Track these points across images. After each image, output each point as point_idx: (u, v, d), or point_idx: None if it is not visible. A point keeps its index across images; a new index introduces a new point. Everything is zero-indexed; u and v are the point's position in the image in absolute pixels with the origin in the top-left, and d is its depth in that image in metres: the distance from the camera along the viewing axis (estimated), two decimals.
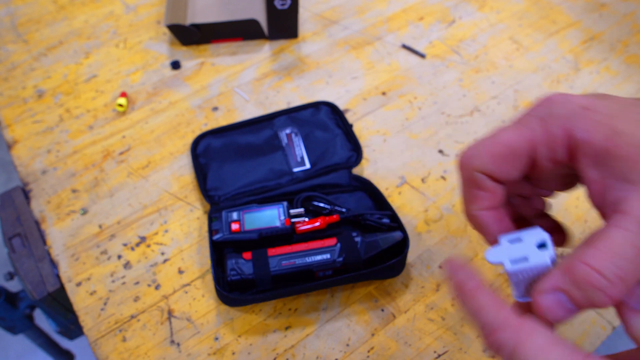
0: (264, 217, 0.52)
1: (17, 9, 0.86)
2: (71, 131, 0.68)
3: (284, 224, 0.45)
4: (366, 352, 0.50)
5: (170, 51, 0.79)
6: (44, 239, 0.58)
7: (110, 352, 0.50)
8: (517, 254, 0.27)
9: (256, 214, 0.52)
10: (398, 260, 0.51)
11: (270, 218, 0.51)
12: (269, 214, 0.53)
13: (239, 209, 0.53)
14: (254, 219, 0.51)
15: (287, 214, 0.50)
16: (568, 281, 0.23)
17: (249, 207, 0.53)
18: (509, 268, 0.27)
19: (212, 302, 0.53)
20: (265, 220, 0.52)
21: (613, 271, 0.22)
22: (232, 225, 0.52)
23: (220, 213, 0.55)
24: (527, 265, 0.27)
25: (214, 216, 0.56)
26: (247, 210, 0.51)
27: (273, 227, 0.48)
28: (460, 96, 0.74)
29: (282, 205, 0.51)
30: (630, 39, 0.83)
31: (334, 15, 0.86)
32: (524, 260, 0.27)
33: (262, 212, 0.52)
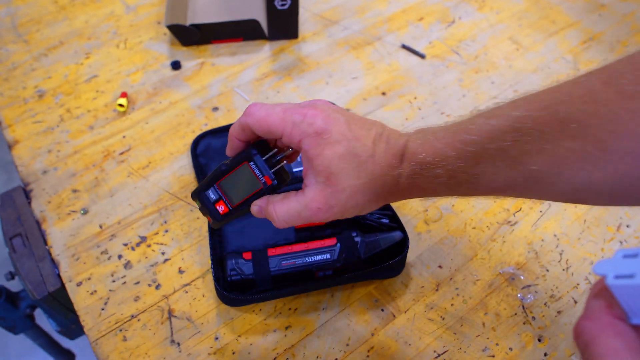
0: (241, 181, 0.42)
1: (17, 9, 0.86)
2: (72, 131, 0.68)
3: (266, 183, 0.39)
4: (366, 352, 0.50)
5: (171, 51, 0.79)
6: (45, 239, 0.58)
7: (110, 352, 0.50)
8: (626, 270, 0.26)
9: (231, 178, 0.42)
10: (398, 260, 0.51)
11: (249, 182, 0.42)
12: (246, 176, 0.42)
13: (211, 183, 0.43)
14: (232, 186, 0.42)
15: (264, 171, 0.40)
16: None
17: (217, 173, 0.43)
18: (610, 282, 0.26)
19: (212, 302, 0.53)
20: (246, 185, 0.42)
21: (282, 217, 0.39)
22: (218, 207, 0.45)
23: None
24: (631, 282, 0.26)
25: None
26: (220, 180, 0.42)
27: (259, 191, 0.40)
28: (460, 96, 0.74)
29: (252, 161, 0.40)
30: (630, 39, 0.83)
31: (334, 15, 0.86)
32: (630, 277, 0.26)
33: (236, 175, 0.42)
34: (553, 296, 0.54)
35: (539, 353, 0.50)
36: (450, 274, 0.56)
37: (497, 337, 0.51)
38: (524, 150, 0.32)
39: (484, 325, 0.52)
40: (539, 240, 0.59)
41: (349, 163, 0.36)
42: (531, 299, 0.54)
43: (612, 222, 0.60)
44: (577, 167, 0.30)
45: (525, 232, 0.59)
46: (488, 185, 0.35)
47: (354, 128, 0.37)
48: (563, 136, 0.30)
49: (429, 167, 0.36)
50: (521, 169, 0.33)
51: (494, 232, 0.59)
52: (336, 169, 0.36)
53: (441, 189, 0.37)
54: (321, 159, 0.36)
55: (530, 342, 0.51)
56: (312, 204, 0.37)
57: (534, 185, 0.33)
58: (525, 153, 0.32)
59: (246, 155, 0.40)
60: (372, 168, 0.37)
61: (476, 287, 0.55)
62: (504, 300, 0.54)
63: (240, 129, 0.40)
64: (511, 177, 0.33)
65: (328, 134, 0.36)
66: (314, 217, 0.38)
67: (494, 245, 0.58)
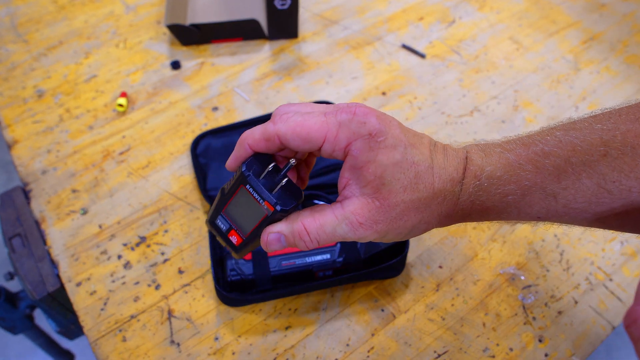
0: (245, 207, 0.36)
1: (17, 9, 0.86)
2: (71, 131, 0.68)
3: (268, 210, 0.33)
4: (366, 352, 0.50)
5: (170, 51, 0.79)
6: (44, 239, 0.58)
7: (110, 352, 0.50)
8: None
9: (235, 204, 0.37)
10: (398, 260, 0.51)
11: (252, 208, 0.36)
12: (247, 202, 0.36)
13: (218, 211, 0.38)
14: (239, 214, 0.37)
15: (262, 194, 0.34)
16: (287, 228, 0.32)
17: (221, 199, 0.38)
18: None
19: (212, 302, 0.53)
20: (251, 211, 0.36)
21: (314, 235, 0.32)
22: (231, 237, 0.44)
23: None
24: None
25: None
26: (225, 206, 0.38)
27: (265, 218, 0.35)
28: (460, 96, 0.74)
29: (247, 184, 0.34)
30: (630, 39, 0.83)
31: (334, 15, 0.86)
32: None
33: (238, 200, 0.36)
34: (554, 296, 0.54)
35: (540, 353, 0.50)
36: (451, 274, 0.56)
37: (497, 338, 0.51)
38: (616, 166, 0.28)
39: (485, 325, 0.52)
40: (540, 241, 0.58)
41: (406, 173, 0.30)
42: (532, 299, 0.54)
43: None
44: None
45: (525, 232, 0.59)
46: (567, 205, 0.30)
47: (407, 133, 0.32)
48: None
49: (499, 183, 0.31)
50: (612, 189, 0.28)
51: (494, 232, 0.59)
52: (390, 179, 0.30)
53: (509, 210, 0.32)
54: (373, 167, 0.30)
55: (531, 343, 0.51)
56: (354, 217, 0.31)
57: (633, 211, 0.29)
58: (618, 170, 0.28)
59: (241, 177, 0.33)
60: (431, 181, 0.31)
61: (476, 287, 0.55)
62: (505, 300, 0.54)
63: (264, 139, 0.32)
64: (600, 198, 0.29)
65: (383, 136, 0.30)
66: (352, 234, 0.31)
67: (494, 246, 0.58)
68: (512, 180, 0.30)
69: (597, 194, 0.29)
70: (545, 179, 0.30)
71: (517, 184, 0.30)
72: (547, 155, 0.30)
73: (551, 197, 0.30)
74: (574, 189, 0.29)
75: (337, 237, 0.32)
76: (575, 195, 0.29)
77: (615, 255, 0.58)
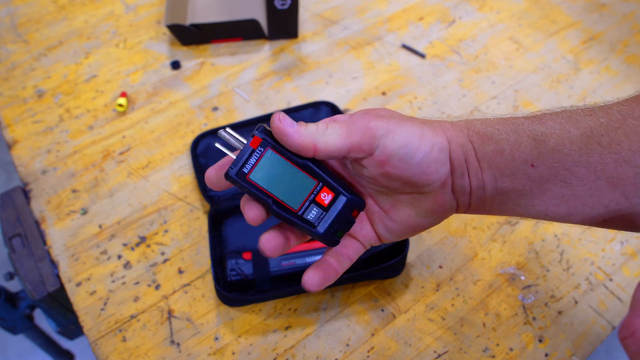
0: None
1: (17, 9, 0.86)
2: (71, 131, 0.68)
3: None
4: (366, 352, 0.50)
5: (170, 51, 0.79)
6: (44, 239, 0.58)
7: (110, 352, 0.50)
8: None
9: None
10: (398, 260, 0.51)
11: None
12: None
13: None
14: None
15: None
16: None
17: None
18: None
19: (212, 302, 0.53)
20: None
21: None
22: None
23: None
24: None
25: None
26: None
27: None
28: (460, 96, 0.74)
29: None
30: (630, 39, 0.83)
31: (334, 15, 0.86)
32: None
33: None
34: (554, 296, 0.54)
35: (540, 353, 0.50)
36: (451, 274, 0.56)
37: (497, 338, 0.51)
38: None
39: (485, 325, 0.52)
40: (540, 241, 0.58)
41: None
42: (532, 299, 0.54)
43: None
44: None
45: (525, 232, 0.59)
46: (590, 187, 0.28)
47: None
48: None
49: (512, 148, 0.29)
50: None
51: (494, 232, 0.59)
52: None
53: (529, 188, 0.30)
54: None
55: (531, 343, 0.51)
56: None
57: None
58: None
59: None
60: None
61: (476, 287, 0.55)
62: (505, 300, 0.54)
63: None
64: (623, 175, 0.28)
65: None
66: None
67: (494, 246, 0.58)
68: (525, 149, 0.30)
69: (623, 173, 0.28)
70: (576, 148, 0.28)
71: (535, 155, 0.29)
72: (574, 123, 0.29)
73: (575, 174, 0.29)
74: (599, 163, 0.28)
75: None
76: (599, 173, 0.28)
77: (616, 255, 0.58)
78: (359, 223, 0.35)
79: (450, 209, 0.33)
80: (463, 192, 0.32)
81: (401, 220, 0.34)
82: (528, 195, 0.30)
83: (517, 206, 0.31)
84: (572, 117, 0.29)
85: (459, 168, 0.31)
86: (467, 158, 0.31)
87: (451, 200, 0.33)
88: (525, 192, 0.30)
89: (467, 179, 0.31)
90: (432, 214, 0.33)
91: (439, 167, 0.31)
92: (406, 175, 0.31)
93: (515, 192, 0.31)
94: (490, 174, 0.31)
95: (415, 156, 0.30)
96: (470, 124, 0.32)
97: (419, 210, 0.33)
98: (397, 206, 0.34)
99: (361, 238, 0.35)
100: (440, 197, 0.32)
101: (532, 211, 0.31)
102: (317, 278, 0.32)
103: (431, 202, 0.32)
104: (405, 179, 0.31)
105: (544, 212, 0.31)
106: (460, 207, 0.33)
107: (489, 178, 0.31)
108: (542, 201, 0.30)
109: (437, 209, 0.33)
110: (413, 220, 0.34)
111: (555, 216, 0.31)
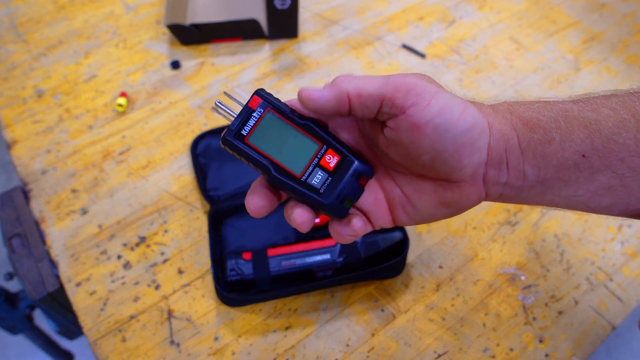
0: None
1: (17, 9, 0.85)
2: (71, 131, 0.68)
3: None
4: (366, 352, 0.50)
5: (170, 51, 0.79)
6: (44, 239, 0.58)
7: (110, 352, 0.50)
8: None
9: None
10: (398, 260, 0.51)
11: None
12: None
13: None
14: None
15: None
16: None
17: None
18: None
19: (212, 302, 0.53)
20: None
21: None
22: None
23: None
24: None
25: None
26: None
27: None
28: (461, 96, 0.73)
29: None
30: (631, 39, 0.83)
31: (334, 15, 0.86)
32: None
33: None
34: (554, 296, 0.54)
35: (540, 353, 0.50)
36: (451, 274, 0.55)
37: (497, 338, 0.51)
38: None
39: (485, 325, 0.52)
40: (540, 241, 0.58)
41: None
42: (532, 299, 0.54)
43: (614, 222, 0.60)
44: None
45: (526, 232, 0.59)
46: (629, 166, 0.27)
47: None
48: None
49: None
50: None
51: (494, 232, 0.59)
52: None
53: (576, 178, 0.28)
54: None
55: (531, 343, 0.51)
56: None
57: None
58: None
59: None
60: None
61: (477, 287, 0.55)
62: (505, 300, 0.54)
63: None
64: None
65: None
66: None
67: (494, 246, 0.58)
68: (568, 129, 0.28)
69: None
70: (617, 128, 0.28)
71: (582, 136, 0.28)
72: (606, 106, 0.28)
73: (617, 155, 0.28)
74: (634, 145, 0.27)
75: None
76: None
77: (616, 256, 0.58)
78: (375, 204, 0.32)
79: (478, 200, 0.30)
80: (496, 183, 0.29)
81: (422, 207, 0.31)
82: (573, 186, 0.28)
83: (558, 197, 0.29)
84: (626, 102, 0.28)
85: (497, 158, 0.28)
86: (507, 148, 0.28)
87: (479, 192, 0.30)
88: (570, 182, 0.28)
89: (504, 170, 0.29)
90: (456, 204, 0.30)
91: (474, 152, 0.28)
92: (437, 150, 0.27)
93: (559, 182, 0.28)
94: (535, 164, 0.28)
95: (453, 130, 0.27)
96: (513, 108, 0.30)
97: (442, 199, 0.30)
98: (420, 192, 0.31)
99: (374, 219, 0.32)
100: (468, 187, 0.29)
101: (573, 202, 0.29)
102: (360, 224, 0.30)
103: (458, 192, 0.29)
104: (434, 154, 0.27)
105: (586, 203, 0.29)
106: (490, 197, 0.30)
107: (531, 168, 0.28)
108: (586, 191, 0.28)
109: (463, 200, 0.30)
110: (434, 209, 0.31)
111: (597, 207, 0.29)
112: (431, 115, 0.27)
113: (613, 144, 0.27)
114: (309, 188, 0.28)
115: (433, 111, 0.27)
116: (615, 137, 0.27)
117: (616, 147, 0.27)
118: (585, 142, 0.27)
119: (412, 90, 0.27)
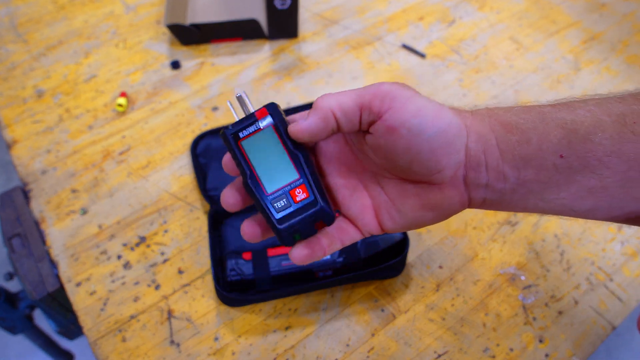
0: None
1: (17, 9, 0.85)
2: (71, 131, 0.68)
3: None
4: (366, 352, 0.50)
5: (170, 51, 0.79)
6: (44, 239, 0.58)
7: (110, 352, 0.50)
8: None
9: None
10: (398, 260, 0.51)
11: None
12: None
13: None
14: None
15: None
16: None
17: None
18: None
19: (212, 302, 0.53)
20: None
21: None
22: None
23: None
24: None
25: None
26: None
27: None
28: (461, 96, 0.74)
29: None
30: (631, 39, 0.83)
31: (334, 15, 0.86)
32: None
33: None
34: (554, 296, 0.54)
35: (540, 354, 0.50)
36: (451, 274, 0.55)
37: (497, 338, 0.51)
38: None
39: (485, 325, 0.52)
40: (540, 241, 0.58)
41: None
42: (532, 299, 0.54)
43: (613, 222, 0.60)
44: None
45: (526, 232, 0.59)
46: (622, 178, 0.27)
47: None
48: None
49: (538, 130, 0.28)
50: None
51: (494, 232, 0.59)
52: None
53: (556, 179, 0.28)
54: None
55: (531, 343, 0.51)
56: None
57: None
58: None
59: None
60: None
61: (477, 287, 0.55)
62: (505, 300, 0.54)
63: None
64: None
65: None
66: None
67: (494, 246, 0.58)
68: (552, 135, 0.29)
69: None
70: (607, 132, 0.28)
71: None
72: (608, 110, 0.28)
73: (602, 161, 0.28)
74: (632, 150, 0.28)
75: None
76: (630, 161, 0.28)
77: (616, 256, 0.58)
78: (362, 210, 0.33)
79: (460, 204, 0.31)
80: (478, 185, 0.30)
81: (406, 211, 0.32)
82: (553, 188, 0.29)
83: (541, 200, 0.30)
84: (603, 104, 0.28)
85: (475, 159, 0.29)
86: (486, 149, 0.29)
87: (461, 195, 0.31)
88: (550, 184, 0.29)
89: (484, 172, 0.29)
90: (439, 208, 0.31)
91: (451, 153, 0.29)
92: (413, 151, 0.28)
93: (539, 184, 0.29)
94: (514, 165, 0.29)
95: (427, 130, 0.28)
96: (492, 112, 0.31)
97: (425, 202, 0.31)
98: (404, 196, 0.32)
99: (361, 225, 0.33)
100: (450, 189, 0.30)
101: (556, 205, 0.30)
102: (304, 253, 0.31)
103: (440, 194, 0.30)
104: (411, 155, 0.28)
105: (569, 205, 0.29)
106: (474, 202, 0.31)
107: (511, 170, 0.29)
108: (568, 194, 0.29)
109: (445, 203, 0.31)
110: (418, 212, 0.32)
111: (581, 210, 0.29)
112: (406, 117, 0.28)
113: (590, 143, 0.27)
114: (269, 207, 0.30)
115: (408, 114, 0.28)
116: (591, 136, 0.27)
117: (593, 147, 0.27)
118: (562, 142, 0.28)
119: (387, 95, 0.28)
